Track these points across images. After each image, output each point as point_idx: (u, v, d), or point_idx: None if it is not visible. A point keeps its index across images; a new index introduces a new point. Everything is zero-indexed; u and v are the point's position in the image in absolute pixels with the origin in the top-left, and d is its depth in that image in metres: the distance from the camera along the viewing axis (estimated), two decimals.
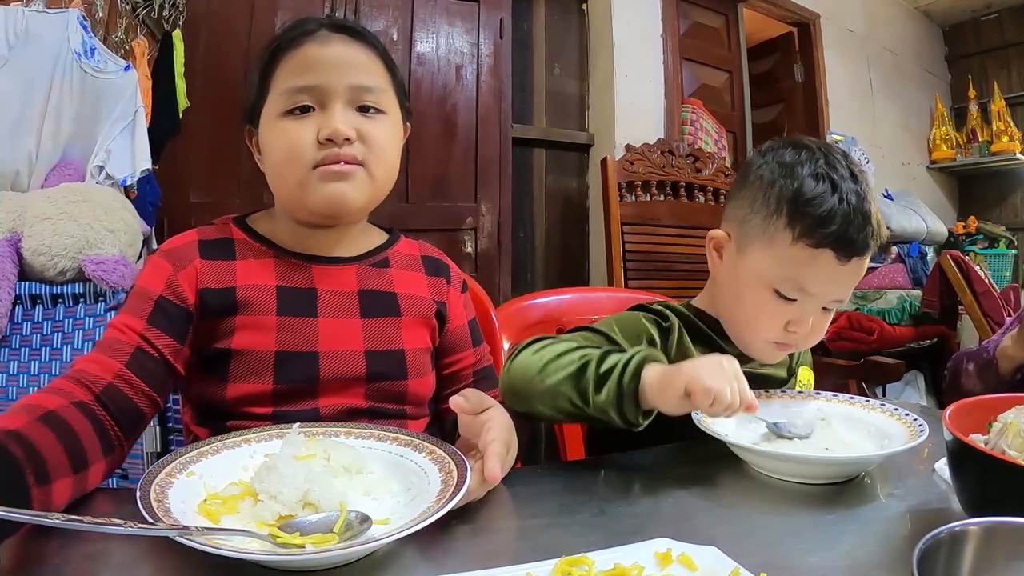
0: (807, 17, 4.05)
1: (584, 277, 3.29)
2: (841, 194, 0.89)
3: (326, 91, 0.87)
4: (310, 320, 0.88)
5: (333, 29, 0.91)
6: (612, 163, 2.84)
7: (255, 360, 0.85)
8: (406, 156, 2.61)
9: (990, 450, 0.63)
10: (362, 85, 0.89)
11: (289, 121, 0.87)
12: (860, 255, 0.90)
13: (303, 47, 0.88)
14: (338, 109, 0.87)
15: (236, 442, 0.70)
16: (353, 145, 0.87)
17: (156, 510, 0.55)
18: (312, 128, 0.86)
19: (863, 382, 2.49)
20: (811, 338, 0.96)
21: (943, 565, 0.45)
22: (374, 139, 0.88)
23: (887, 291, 3.63)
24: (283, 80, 0.88)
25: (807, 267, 0.90)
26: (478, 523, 0.64)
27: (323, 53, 0.88)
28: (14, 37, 1.89)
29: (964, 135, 4.66)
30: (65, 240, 1.71)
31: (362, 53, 0.91)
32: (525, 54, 3.17)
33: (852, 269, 0.90)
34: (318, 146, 0.85)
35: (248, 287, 0.87)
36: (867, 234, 0.89)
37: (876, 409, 0.89)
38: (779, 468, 0.78)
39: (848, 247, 0.88)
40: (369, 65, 0.91)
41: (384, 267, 0.97)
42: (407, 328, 0.94)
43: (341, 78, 0.87)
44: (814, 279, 0.90)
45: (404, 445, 0.71)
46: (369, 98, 0.89)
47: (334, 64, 0.88)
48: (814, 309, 0.93)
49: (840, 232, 0.88)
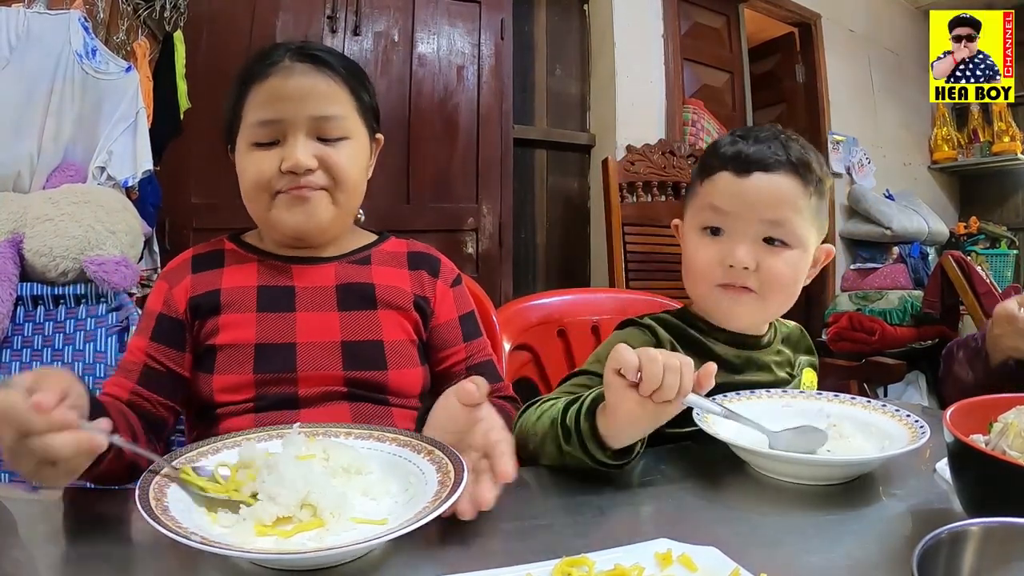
0: (808, 17, 4.05)
1: (585, 278, 3.29)
2: (739, 137, 0.98)
3: (288, 124, 0.92)
4: (288, 314, 0.94)
5: (297, 58, 0.94)
6: (613, 163, 2.84)
7: (237, 352, 0.91)
8: (407, 157, 2.65)
9: (991, 451, 0.63)
10: (322, 115, 0.93)
11: (257, 152, 0.93)
12: (763, 168, 0.94)
13: (267, 80, 0.93)
14: (300, 141, 0.92)
15: (236, 442, 0.70)
16: (315, 173, 0.92)
17: (155, 509, 0.55)
18: (276, 159, 0.92)
19: (864, 382, 2.49)
20: (767, 280, 0.94)
21: (944, 565, 0.45)
22: (335, 165, 0.93)
23: (888, 291, 3.63)
24: (251, 112, 0.93)
25: (712, 193, 0.97)
26: (478, 523, 0.64)
27: (285, 86, 0.92)
28: (15, 38, 1.89)
29: (965, 135, 4.66)
30: (67, 241, 1.72)
31: (323, 82, 0.94)
32: (526, 55, 3.17)
33: (758, 184, 0.94)
34: (281, 176, 0.91)
35: (231, 289, 0.94)
36: (763, 151, 0.94)
37: (877, 410, 0.89)
38: (780, 469, 0.78)
39: (743, 161, 0.94)
40: (330, 94, 0.94)
41: (365, 263, 1.01)
42: (385, 319, 0.97)
43: (301, 110, 0.92)
44: (720, 200, 0.96)
45: (403, 446, 0.71)
46: (330, 127, 0.94)
47: (295, 97, 0.92)
48: (742, 235, 0.94)
49: (733, 154, 0.96)
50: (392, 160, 2.61)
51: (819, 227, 0.99)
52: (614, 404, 0.72)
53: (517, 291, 2.87)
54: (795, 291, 0.99)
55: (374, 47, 2.61)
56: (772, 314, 1.02)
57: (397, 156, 2.62)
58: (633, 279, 2.76)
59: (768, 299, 0.97)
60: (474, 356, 1.03)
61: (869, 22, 4.39)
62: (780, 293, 0.97)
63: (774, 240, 0.95)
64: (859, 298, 3.68)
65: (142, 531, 0.53)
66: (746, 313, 0.98)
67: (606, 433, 0.73)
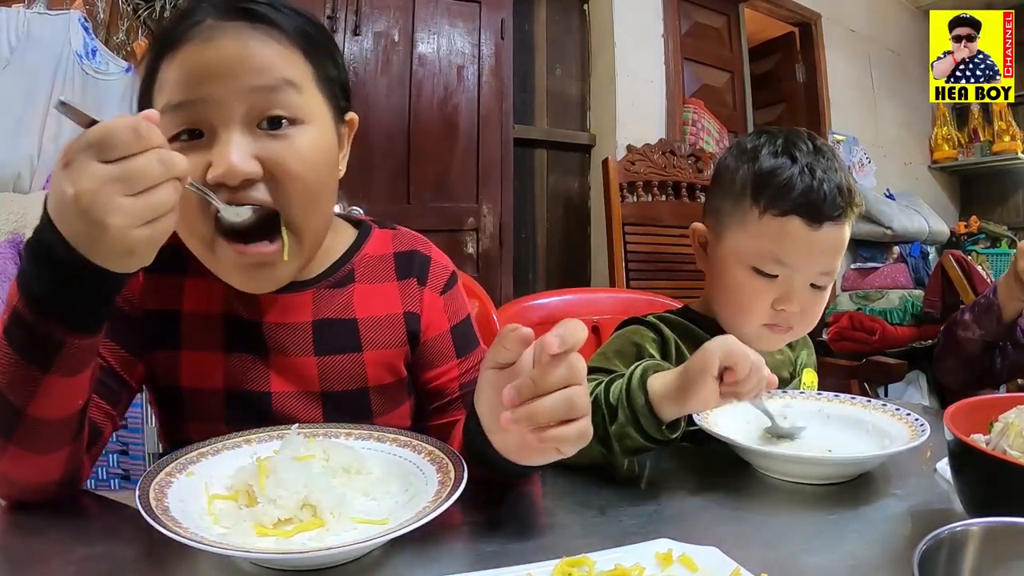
0: (808, 17, 4.05)
1: (586, 278, 3.29)
2: (800, 164, 0.92)
3: (213, 108, 0.67)
4: (259, 359, 0.79)
5: (225, 14, 0.69)
6: (613, 163, 2.84)
7: (205, 399, 0.78)
8: (407, 157, 2.65)
9: (991, 450, 0.63)
10: (263, 86, 0.68)
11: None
12: (832, 220, 0.91)
13: (183, 48, 0.68)
14: (233, 135, 0.66)
15: (236, 443, 0.70)
16: (256, 186, 0.67)
17: (155, 510, 0.55)
18: (199, 166, 0.66)
19: (865, 382, 2.49)
20: (806, 320, 0.96)
21: (944, 565, 0.45)
22: (285, 168, 0.68)
23: (889, 291, 3.63)
24: (162, 94, 0.69)
25: (779, 238, 0.92)
26: (478, 523, 0.64)
27: (207, 54, 0.67)
28: (15, 39, 1.89)
29: (966, 135, 4.65)
30: None
31: (265, 45, 0.69)
32: (526, 55, 3.17)
33: (826, 236, 0.91)
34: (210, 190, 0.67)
35: (193, 315, 0.78)
36: (833, 197, 0.91)
37: (877, 409, 0.89)
38: (780, 468, 0.78)
39: (815, 211, 0.90)
40: (275, 59, 0.69)
41: (347, 284, 0.83)
42: (371, 362, 0.82)
43: (233, 86, 0.67)
44: (788, 249, 0.92)
45: (403, 446, 0.71)
46: (275, 104, 0.68)
47: (222, 68, 0.67)
48: (799, 284, 0.93)
49: (804, 196, 0.90)
50: (392, 160, 2.61)
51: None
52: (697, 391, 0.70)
53: (517, 291, 2.87)
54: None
55: (374, 47, 2.61)
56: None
57: (397, 156, 2.62)
58: (633, 279, 2.75)
59: (801, 331, 1.00)
60: (468, 372, 0.88)
61: (869, 22, 4.39)
62: (813, 325, 0.99)
63: (822, 287, 0.96)
64: (859, 298, 3.68)
65: (142, 531, 0.53)
66: (782, 344, 1.02)
67: (660, 404, 0.72)
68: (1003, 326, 1.16)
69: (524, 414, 0.58)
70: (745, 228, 0.95)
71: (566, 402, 0.58)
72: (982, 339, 1.18)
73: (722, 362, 0.70)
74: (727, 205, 0.98)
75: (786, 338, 0.99)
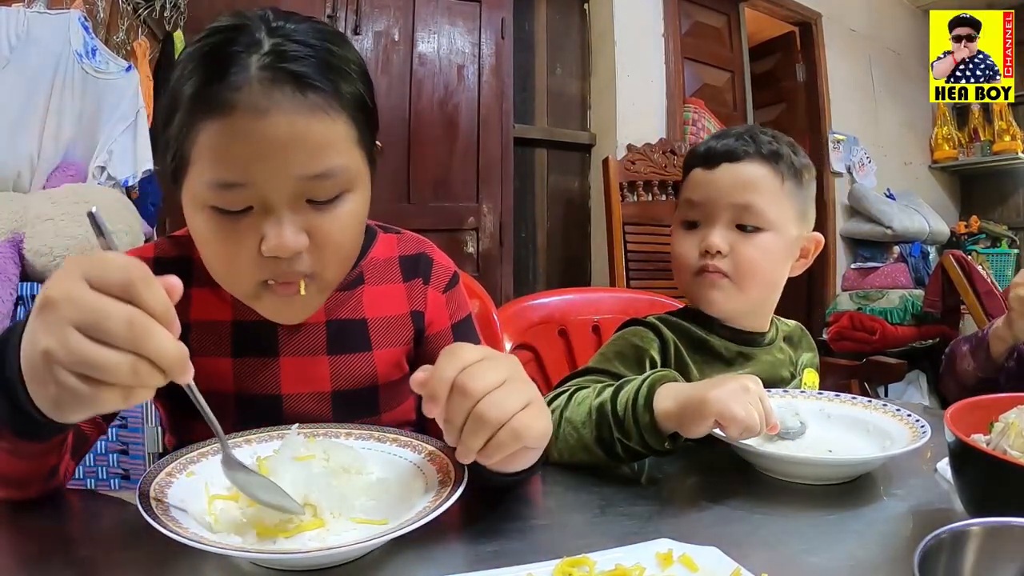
0: (809, 16, 4.05)
1: (586, 277, 3.29)
2: (713, 138, 1.04)
3: (264, 191, 0.66)
4: (270, 361, 0.80)
5: (271, 77, 0.65)
6: (614, 163, 2.84)
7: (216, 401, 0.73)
8: (407, 156, 2.65)
9: (992, 450, 0.62)
10: (316, 174, 0.67)
11: (220, 218, 0.68)
12: (730, 159, 0.98)
13: (230, 118, 0.64)
14: (284, 214, 0.67)
15: (236, 443, 0.70)
16: (301, 258, 0.69)
17: (155, 509, 0.55)
18: (252, 236, 0.68)
19: (865, 382, 2.49)
20: (740, 266, 0.97)
21: (945, 565, 0.45)
22: (329, 239, 0.70)
23: (889, 291, 3.63)
24: (206, 164, 0.66)
25: (687, 188, 1.03)
26: (478, 523, 0.64)
27: (260, 132, 0.64)
28: (15, 38, 1.89)
29: (966, 134, 4.66)
30: (67, 241, 1.72)
31: (315, 119, 0.66)
32: (527, 54, 3.17)
33: (725, 172, 0.98)
34: (260, 261, 0.68)
35: (202, 325, 0.79)
36: (730, 143, 0.99)
37: (878, 409, 0.89)
38: (781, 469, 0.78)
39: (711, 156, 1.00)
40: (328, 138, 0.68)
41: (356, 286, 0.85)
42: (380, 360, 0.85)
43: (285, 171, 0.66)
44: (694, 192, 1.01)
45: (403, 446, 0.71)
46: (326, 187, 0.69)
47: (276, 150, 0.65)
48: (714, 221, 0.98)
49: (702, 151, 1.02)
50: (392, 160, 2.61)
51: (799, 213, 1.01)
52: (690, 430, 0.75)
53: (518, 290, 2.87)
54: (773, 278, 1.01)
55: (374, 46, 2.61)
56: (753, 301, 1.02)
57: (397, 156, 2.62)
58: (634, 278, 2.76)
59: (744, 284, 0.98)
60: None
61: (870, 21, 4.39)
62: (755, 278, 0.98)
63: (747, 227, 0.97)
64: (860, 297, 3.69)
65: (142, 531, 0.53)
66: (722, 298, 0.99)
67: (666, 422, 0.75)
68: (992, 363, 1.17)
69: (461, 453, 0.59)
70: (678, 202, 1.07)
71: (478, 421, 0.58)
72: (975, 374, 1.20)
73: (717, 420, 0.73)
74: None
75: (721, 286, 0.98)
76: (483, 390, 0.58)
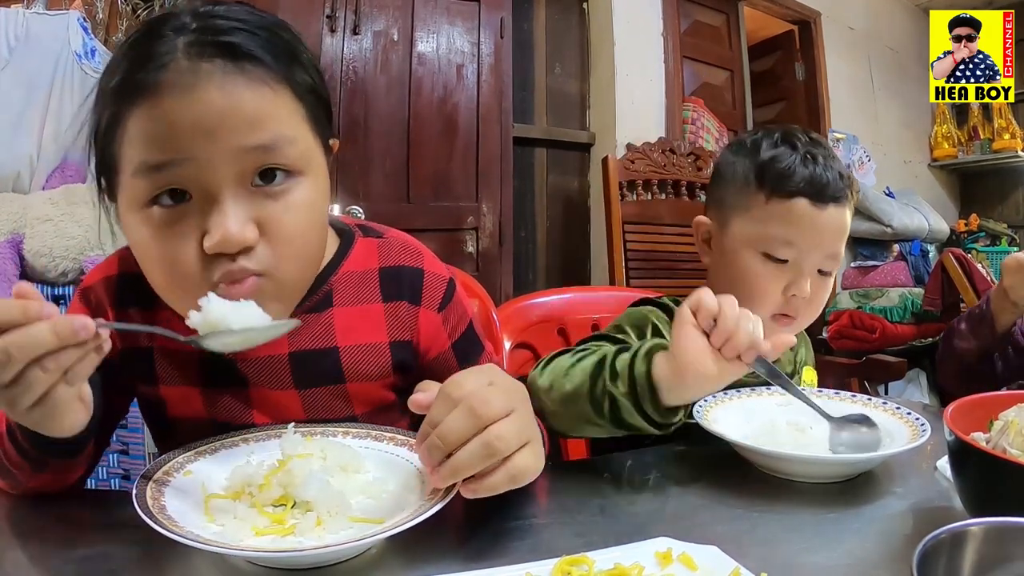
0: (808, 15, 4.04)
1: (586, 276, 3.29)
2: (800, 152, 0.95)
3: (201, 169, 0.59)
4: (239, 391, 0.75)
5: (199, 51, 0.59)
6: (613, 162, 2.84)
7: (193, 427, 0.74)
8: (406, 156, 2.65)
9: (991, 449, 0.62)
10: (258, 145, 0.61)
11: (157, 218, 0.61)
12: (836, 201, 0.93)
13: (156, 97, 0.58)
14: (226, 201, 0.60)
15: (234, 442, 0.70)
16: (254, 252, 0.62)
17: (152, 509, 0.55)
18: (192, 234, 0.61)
19: (865, 380, 2.48)
20: (812, 308, 0.96)
21: (944, 565, 0.45)
22: (281, 230, 0.63)
23: (889, 289, 3.63)
24: (135, 149, 0.60)
25: (787, 219, 0.93)
26: (477, 522, 0.64)
27: (190, 108, 0.58)
28: (15, 39, 1.89)
29: (966, 133, 4.65)
30: (66, 242, 1.72)
31: (254, 91, 0.60)
32: (526, 53, 3.17)
33: (831, 217, 0.93)
34: (205, 260, 0.61)
35: (166, 353, 0.74)
36: (835, 179, 0.93)
37: (878, 408, 0.89)
38: (780, 467, 0.78)
39: (819, 191, 0.92)
40: (267, 109, 0.61)
41: (325, 308, 0.76)
42: (355, 393, 0.77)
43: (223, 145, 0.59)
44: (796, 230, 0.93)
45: (400, 445, 0.70)
46: (273, 160, 0.62)
47: (209, 125, 0.59)
48: (808, 268, 0.94)
49: (808, 178, 0.92)
50: (392, 160, 2.61)
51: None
52: (683, 347, 0.69)
53: (517, 290, 2.87)
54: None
55: (373, 46, 2.61)
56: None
57: (397, 155, 2.62)
58: (633, 277, 2.75)
59: (803, 323, 0.99)
60: None
61: (869, 20, 4.38)
62: (817, 314, 0.99)
63: (826, 272, 0.96)
64: (860, 296, 3.68)
65: (142, 531, 0.53)
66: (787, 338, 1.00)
67: (662, 383, 0.71)
68: (997, 336, 1.16)
69: (447, 472, 0.56)
70: (751, 214, 0.95)
71: (483, 448, 0.55)
72: (978, 348, 1.19)
73: (691, 308, 0.69)
74: (731, 195, 0.99)
75: (791, 330, 0.98)
76: (491, 417, 0.55)
